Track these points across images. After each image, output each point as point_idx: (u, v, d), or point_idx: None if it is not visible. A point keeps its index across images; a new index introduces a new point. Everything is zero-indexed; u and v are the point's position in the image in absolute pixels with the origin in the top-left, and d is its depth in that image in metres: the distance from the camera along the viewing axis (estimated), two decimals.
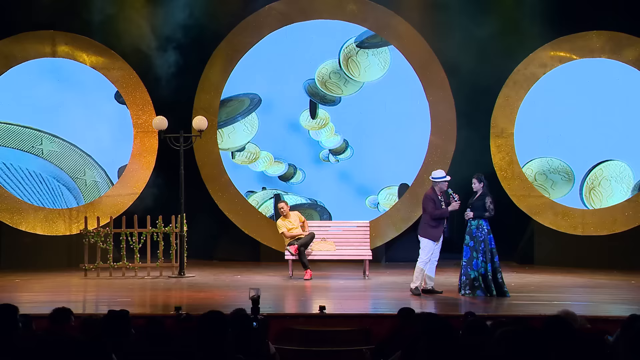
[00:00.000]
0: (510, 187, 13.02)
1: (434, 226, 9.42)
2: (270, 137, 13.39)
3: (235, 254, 13.80)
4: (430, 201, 9.46)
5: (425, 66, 13.25)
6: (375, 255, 12.24)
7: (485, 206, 9.27)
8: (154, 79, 12.87)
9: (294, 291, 10.17)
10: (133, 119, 13.10)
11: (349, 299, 9.37)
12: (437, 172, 9.67)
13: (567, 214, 12.87)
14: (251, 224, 13.35)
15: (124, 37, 12.56)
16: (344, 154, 13.35)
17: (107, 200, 12.96)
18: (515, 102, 13.08)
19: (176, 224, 11.50)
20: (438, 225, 9.42)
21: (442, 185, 9.50)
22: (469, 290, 9.18)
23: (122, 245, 11.39)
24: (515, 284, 10.31)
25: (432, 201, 9.45)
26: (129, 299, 9.27)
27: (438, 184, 9.52)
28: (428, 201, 9.49)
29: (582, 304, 8.85)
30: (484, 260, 9.19)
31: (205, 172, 13.37)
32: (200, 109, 13.26)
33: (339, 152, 13.36)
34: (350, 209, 13.07)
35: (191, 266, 12.00)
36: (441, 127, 13.26)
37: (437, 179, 9.55)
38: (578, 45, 12.96)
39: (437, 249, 9.52)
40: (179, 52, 12.69)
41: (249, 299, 5.90)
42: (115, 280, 11.10)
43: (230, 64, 13.40)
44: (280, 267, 12.02)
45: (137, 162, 13.08)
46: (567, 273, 11.82)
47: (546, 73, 13.00)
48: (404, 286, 9.97)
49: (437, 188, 9.53)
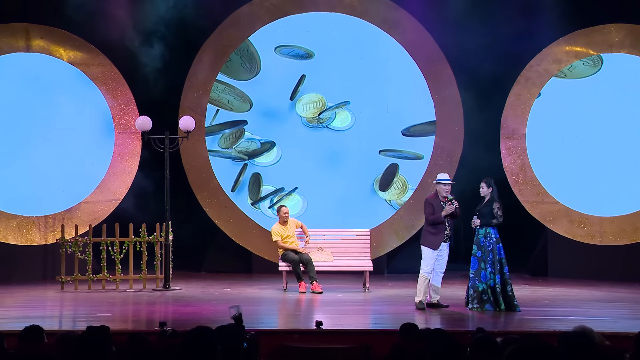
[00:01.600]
0: (522, 192, 13.03)
1: (433, 233, 9.44)
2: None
3: (225, 265, 13.78)
4: (428, 206, 9.52)
5: (431, 63, 13.27)
6: (377, 266, 12.23)
7: (493, 213, 9.28)
8: (137, 75, 12.87)
9: (289, 305, 10.16)
10: (114, 119, 13.09)
11: (348, 314, 9.36)
12: (442, 174, 9.75)
13: (583, 221, 12.89)
14: (242, 232, 13.34)
15: (105, 30, 12.55)
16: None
17: (85, 207, 12.94)
18: (527, 101, 13.10)
19: (161, 233, 11.49)
20: (438, 232, 9.43)
21: (443, 188, 9.52)
22: (477, 304, 9.19)
23: (102, 255, 11.37)
24: (528, 298, 10.31)
25: (430, 206, 9.49)
26: (109, 314, 9.25)
27: (438, 187, 9.54)
28: (426, 206, 9.55)
29: (600, 319, 8.84)
30: (492, 272, 9.19)
31: (192, 177, 13.36)
32: (187, 108, 13.26)
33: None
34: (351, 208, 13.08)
35: (177, 278, 11.98)
36: (447, 128, 13.27)
37: (437, 181, 9.58)
38: (595, 39, 12.98)
39: (443, 259, 9.52)
40: (165, 46, 12.69)
41: (231, 318, 5.88)
42: (94, 293, 11.07)
43: (220, 60, 13.41)
44: (274, 279, 12.01)
45: (119, 165, 13.07)
46: (584, 286, 11.82)
47: (561, 69, 13.03)
48: (407, 300, 9.96)
49: (438, 192, 9.55)
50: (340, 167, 13.38)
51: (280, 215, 11.41)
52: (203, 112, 13.36)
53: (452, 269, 10.32)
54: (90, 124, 13.08)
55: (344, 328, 8.16)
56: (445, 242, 9.50)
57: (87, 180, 12.99)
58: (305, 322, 8.95)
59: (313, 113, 13.41)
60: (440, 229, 9.45)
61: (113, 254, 11.37)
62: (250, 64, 13.42)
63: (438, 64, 13.25)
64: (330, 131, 13.42)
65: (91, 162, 13.02)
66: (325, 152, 13.41)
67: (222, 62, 13.40)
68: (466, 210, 9.74)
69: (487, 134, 13.13)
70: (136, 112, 12.93)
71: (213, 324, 5.30)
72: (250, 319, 8.17)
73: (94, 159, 13.03)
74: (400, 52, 13.32)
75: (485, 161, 12.68)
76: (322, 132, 13.45)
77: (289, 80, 13.44)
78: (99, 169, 13.04)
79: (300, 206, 13.24)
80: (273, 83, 13.44)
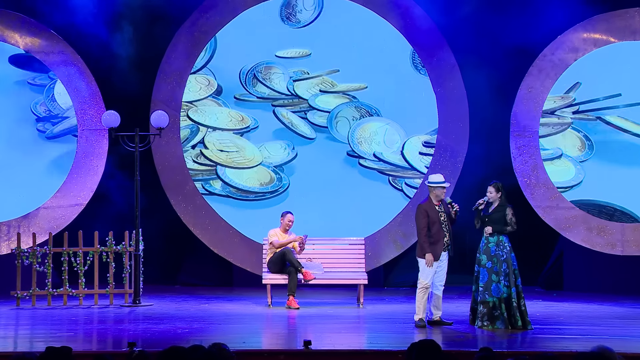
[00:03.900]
0: (534, 196, 13.06)
1: (431, 242, 9.43)
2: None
3: (202, 277, 13.77)
4: (422, 214, 9.45)
5: (432, 51, 13.28)
6: (372, 279, 12.23)
7: (506, 219, 9.29)
8: (104, 65, 12.83)
9: (274, 322, 10.16)
10: (78, 115, 13.05)
11: (340, 332, 9.36)
12: (435, 176, 9.69)
13: (603, 229, 12.92)
14: (222, 241, 13.32)
15: (67, 13, 12.52)
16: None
17: (45, 213, 12.89)
18: (540, 95, 13.14)
19: (130, 242, 11.46)
20: (436, 241, 9.42)
21: (439, 192, 9.52)
22: (487, 321, 9.16)
23: (64, 267, 11.33)
24: (541, 314, 10.33)
25: (424, 214, 9.44)
26: (71, 334, 9.22)
27: (434, 191, 9.53)
28: (420, 214, 9.48)
29: (622, 338, 8.87)
30: (506, 285, 9.19)
31: (166, 179, 13.34)
32: (160, 102, 13.24)
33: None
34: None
35: (148, 293, 11.96)
36: (451, 124, 13.29)
37: (432, 184, 9.56)
38: (616, 25, 13.03)
39: (442, 271, 9.52)
40: (135, 32, 12.66)
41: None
42: (54, 310, 11.03)
43: (196, 48, 13.39)
44: (257, 293, 12.00)
45: (83, 166, 13.02)
46: (604, 301, 11.85)
47: (578, 59, 13.07)
48: (406, 316, 9.96)
49: (433, 196, 9.55)
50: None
51: (284, 222, 11.39)
52: (177, 106, 13.34)
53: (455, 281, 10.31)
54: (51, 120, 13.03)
55: (335, 348, 8.14)
56: (445, 252, 9.49)
57: (46, 182, 12.94)
58: (292, 341, 8.94)
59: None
60: (438, 237, 9.42)
61: (76, 265, 11.32)
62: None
63: (441, 54, 13.26)
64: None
65: (51, 162, 12.97)
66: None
67: (198, 50, 13.38)
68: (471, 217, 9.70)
69: (495, 131, 13.15)
70: (102, 107, 12.89)
71: (188, 344, 5.28)
72: (230, 339, 8.16)
73: (55, 158, 12.98)
74: (398, 39, 13.33)
75: (493, 161, 12.70)
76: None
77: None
78: (60, 170, 13.00)
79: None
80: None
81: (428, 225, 9.42)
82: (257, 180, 13.38)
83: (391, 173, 13.35)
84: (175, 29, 13.35)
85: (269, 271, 11.28)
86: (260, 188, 13.38)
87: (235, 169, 13.41)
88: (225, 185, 13.36)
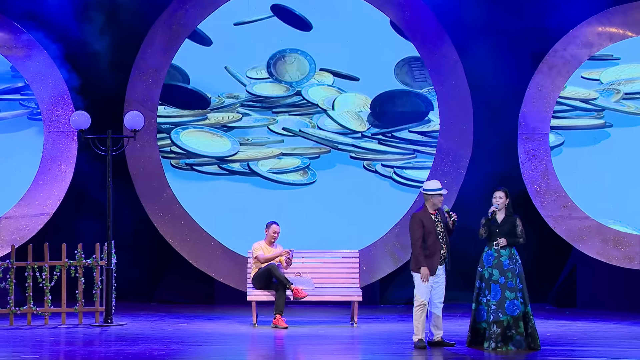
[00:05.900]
0: (544, 205, 13.10)
1: (426, 255, 9.43)
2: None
3: (181, 294, 13.77)
4: (417, 224, 9.44)
5: (434, 47, 13.33)
6: (367, 296, 12.24)
7: (516, 230, 9.31)
8: (73, 61, 12.83)
9: (260, 344, 10.14)
10: (44, 115, 13.05)
11: (332, 354, 9.36)
12: (431, 182, 9.68)
13: (620, 241, 12.96)
14: (203, 254, 13.33)
15: (32, 5, 12.52)
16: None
17: (7, 224, 12.88)
18: (551, 93, 13.19)
19: (102, 255, 11.45)
20: (432, 254, 9.41)
21: (436, 200, 9.54)
22: (501, 342, 9.12)
23: (28, 283, 11.31)
24: (552, 335, 10.35)
25: (419, 224, 9.44)
26: (36, 356, 9.21)
27: (430, 199, 9.54)
28: (414, 224, 9.46)
29: None
30: (523, 302, 9.19)
31: (141, 186, 13.34)
32: (135, 101, 13.24)
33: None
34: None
35: (122, 310, 11.94)
36: (453, 125, 13.33)
37: (428, 192, 9.56)
38: (635, 18, 13.09)
39: (440, 286, 9.51)
40: (108, 25, 12.66)
41: None
42: (17, 330, 11.02)
43: (174, 43, 13.41)
44: (241, 311, 12.01)
45: (49, 172, 13.02)
46: (620, 319, 11.88)
47: (592, 55, 13.13)
48: (404, 337, 9.97)
49: (429, 204, 9.55)
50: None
51: (269, 234, 11.38)
52: (154, 106, 13.35)
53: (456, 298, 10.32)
54: (13, 122, 13.02)
55: None
56: (441, 265, 9.50)
57: (8, 190, 12.94)
58: None
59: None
60: (434, 249, 9.41)
61: (41, 281, 11.30)
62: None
63: (442, 49, 13.31)
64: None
65: (13, 167, 12.97)
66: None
67: (176, 45, 13.40)
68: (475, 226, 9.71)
69: (501, 133, 13.19)
70: (71, 107, 12.90)
71: None
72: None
73: (17, 163, 12.97)
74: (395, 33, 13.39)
75: (499, 167, 12.73)
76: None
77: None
78: (23, 176, 12.99)
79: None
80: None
81: (423, 236, 9.42)
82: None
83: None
84: (151, 21, 13.37)
85: (254, 287, 11.29)
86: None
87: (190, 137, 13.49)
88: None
